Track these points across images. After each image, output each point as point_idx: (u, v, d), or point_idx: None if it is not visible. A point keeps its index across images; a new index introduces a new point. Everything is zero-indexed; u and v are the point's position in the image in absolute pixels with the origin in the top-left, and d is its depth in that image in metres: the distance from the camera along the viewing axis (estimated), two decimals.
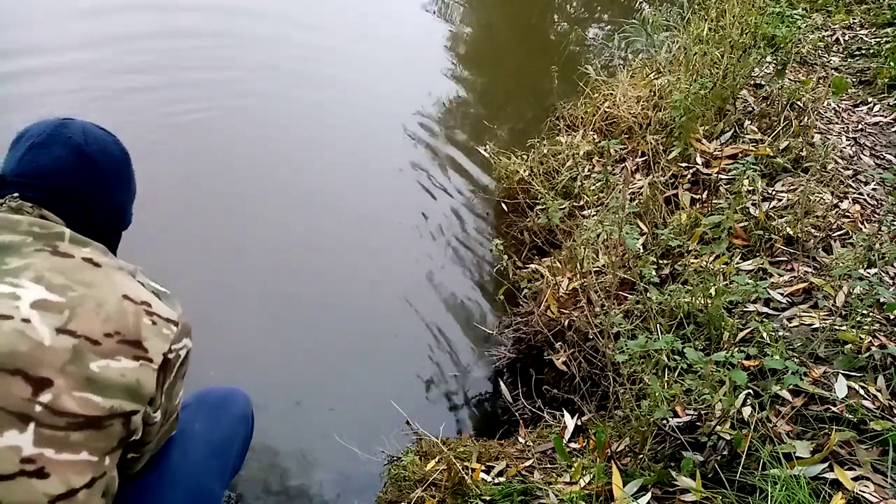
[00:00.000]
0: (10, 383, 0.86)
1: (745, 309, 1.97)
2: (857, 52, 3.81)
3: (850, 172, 2.60)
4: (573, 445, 1.86)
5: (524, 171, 3.15)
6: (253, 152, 3.32)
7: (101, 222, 1.09)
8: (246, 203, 3.00)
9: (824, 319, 1.84)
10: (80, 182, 1.05)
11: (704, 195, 2.57)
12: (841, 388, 1.60)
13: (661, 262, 2.32)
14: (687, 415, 1.67)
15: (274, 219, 2.94)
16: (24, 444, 0.86)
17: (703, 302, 1.90)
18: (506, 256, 2.39)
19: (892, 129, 3.01)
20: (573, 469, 1.67)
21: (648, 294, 1.91)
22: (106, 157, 1.09)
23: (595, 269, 2.36)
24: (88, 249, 1.00)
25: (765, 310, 1.96)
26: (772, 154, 2.62)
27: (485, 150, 3.52)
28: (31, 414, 0.86)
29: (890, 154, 2.80)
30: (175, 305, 1.08)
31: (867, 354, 1.69)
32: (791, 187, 2.46)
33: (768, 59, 3.14)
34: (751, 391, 1.62)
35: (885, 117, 3.09)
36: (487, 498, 1.64)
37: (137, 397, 0.97)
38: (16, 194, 1.00)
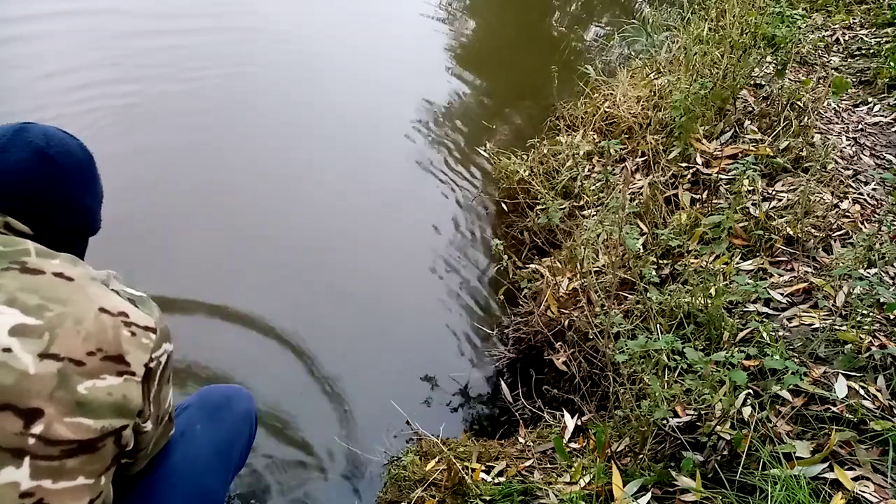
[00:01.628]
0: (1, 419, 0.84)
1: (745, 309, 1.97)
2: (857, 52, 3.81)
3: (850, 172, 2.60)
4: (573, 445, 1.86)
5: (524, 171, 3.15)
6: (240, 158, 3.32)
7: (67, 227, 1.05)
8: (236, 198, 3.01)
9: (824, 319, 1.84)
10: (45, 186, 1.01)
11: (704, 195, 2.57)
12: (841, 388, 1.60)
13: (661, 262, 2.32)
14: (687, 415, 1.67)
15: (270, 213, 2.94)
16: (21, 478, 0.85)
17: (703, 302, 1.90)
18: (506, 256, 2.39)
19: (892, 129, 3.01)
20: (573, 469, 1.67)
21: (648, 294, 1.91)
22: (69, 160, 1.05)
23: (595, 269, 2.36)
24: (58, 262, 0.95)
25: (765, 310, 1.96)
26: (772, 154, 2.62)
27: (484, 150, 3.52)
28: (24, 448, 0.85)
29: (890, 154, 2.80)
30: (152, 310, 1.05)
31: (867, 354, 1.69)
32: (791, 187, 2.46)
33: (768, 59, 3.13)
34: (751, 391, 1.62)
35: (885, 117, 3.09)
36: (487, 498, 1.64)
37: (126, 413, 0.96)
38: None
